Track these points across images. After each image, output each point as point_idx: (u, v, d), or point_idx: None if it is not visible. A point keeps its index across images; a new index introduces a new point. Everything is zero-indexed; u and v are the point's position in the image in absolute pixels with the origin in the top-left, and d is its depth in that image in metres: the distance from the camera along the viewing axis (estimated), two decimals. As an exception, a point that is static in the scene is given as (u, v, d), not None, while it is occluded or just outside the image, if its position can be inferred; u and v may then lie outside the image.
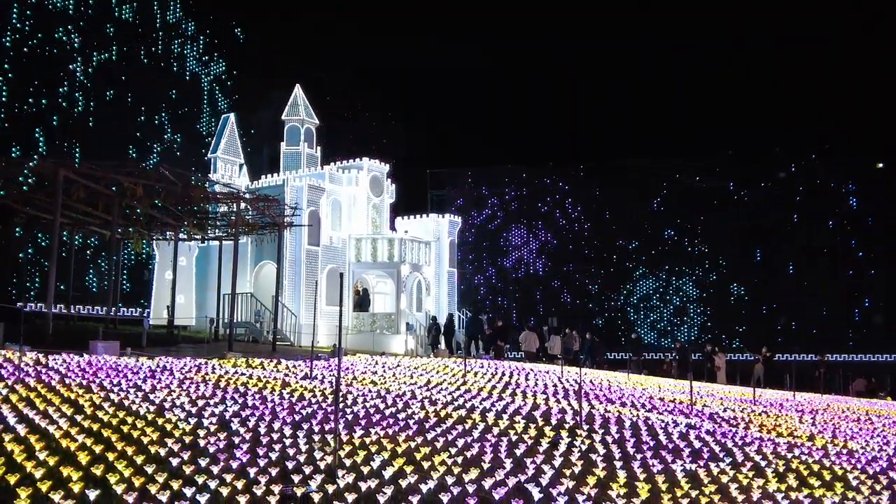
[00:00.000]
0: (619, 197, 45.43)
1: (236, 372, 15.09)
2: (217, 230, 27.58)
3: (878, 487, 9.56)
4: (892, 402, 26.61)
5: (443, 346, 28.63)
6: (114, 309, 25.96)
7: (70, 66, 33.64)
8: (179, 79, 38.41)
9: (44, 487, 6.51)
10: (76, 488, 6.56)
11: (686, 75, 59.49)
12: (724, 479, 9.12)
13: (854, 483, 9.73)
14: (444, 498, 7.14)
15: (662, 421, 13.44)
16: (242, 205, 24.61)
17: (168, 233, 28.23)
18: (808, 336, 40.82)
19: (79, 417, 9.41)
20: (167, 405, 10.67)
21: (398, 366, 19.45)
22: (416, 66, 53.11)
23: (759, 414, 16.40)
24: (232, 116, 33.84)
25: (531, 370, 21.63)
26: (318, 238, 29.10)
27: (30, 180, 22.12)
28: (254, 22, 40.89)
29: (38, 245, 30.54)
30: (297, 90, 33.98)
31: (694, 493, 8.21)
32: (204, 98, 39.21)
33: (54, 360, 14.18)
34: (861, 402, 23.67)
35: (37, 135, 32.67)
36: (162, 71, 37.57)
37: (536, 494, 7.56)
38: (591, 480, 8.24)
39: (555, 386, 17.66)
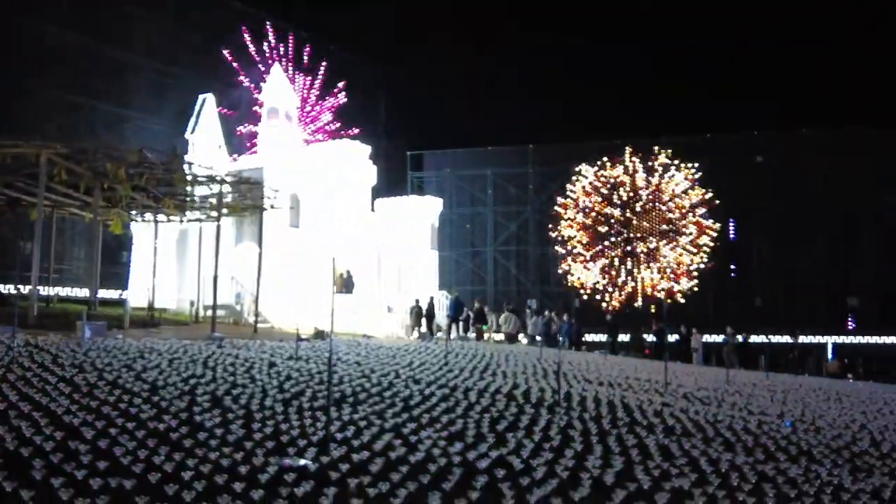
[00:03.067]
0: (598, 180, 45.85)
1: (223, 352, 15.40)
2: (197, 212, 27.68)
3: (839, 461, 10.11)
4: (857, 382, 27.45)
5: (424, 328, 29.04)
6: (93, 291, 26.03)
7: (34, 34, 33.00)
8: (155, 55, 38.09)
9: (55, 460, 6.86)
10: (86, 460, 6.90)
11: (669, 61, 60.17)
12: (695, 452, 9.63)
13: (818, 457, 10.28)
14: (432, 467, 7.56)
15: (638, 399, 13.97)
16: (223, 187, 24.74)
17: (147, 214, 28.32)
18: (783, 318, 41.65)
19: (77, 395, 9.73)
20: (160, 384, 11.00)
21: (381, 347, 19.83)
22: (395, 46, 53.16)
23: (732, 393, 16.98)
24: (210, 96, 33.73)
25: (511, 352, 22.10)
26: (298, 220, 29.30)
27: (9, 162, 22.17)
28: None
29: (18, 227, 30.41)
30: (277, 70, 34.00)
31: (665, 465, 8.70)
32: (181, 75, 38.93)
33: (43, 341, 14.43)
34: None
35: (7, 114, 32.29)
36: (136, 46, 37.25)
37: (518, 465, 8.01)
38: (569, 453, 8.70)
39: (534, 366, 18.12)
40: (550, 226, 45.35)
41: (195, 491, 6.37)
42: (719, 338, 32.91)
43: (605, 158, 44.76)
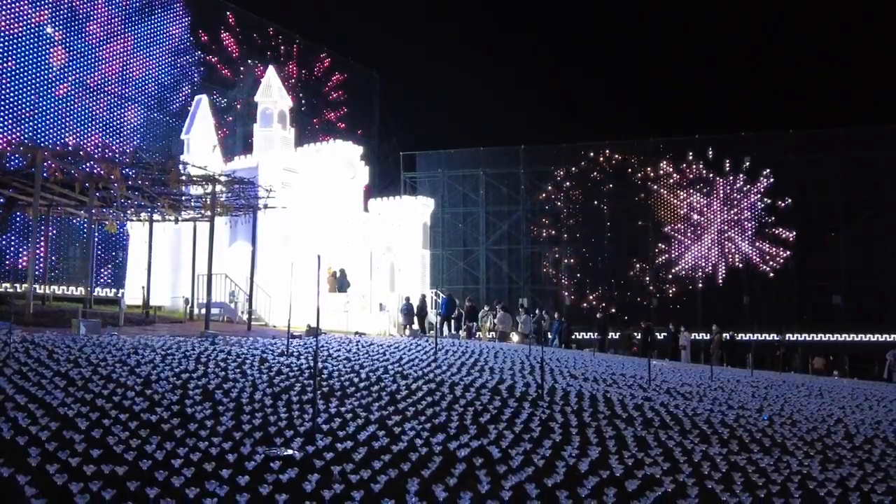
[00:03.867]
0: (587, 180, 46.40)
1: (215, 349, 15.70)
2: (191, 211, 27.96)
3: (811, 452, 10.45)
4: (842, 378, 27.82)
5: (416, 325, 29.35)
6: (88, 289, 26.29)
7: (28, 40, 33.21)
8: (148, 57, 38.31)
9: (51, 448, 7.18)
10: (80, 448, 7.22)
11: (656, 60, 60.51)
12: (671, 443, 9.96)
13: (790, 448, 10.62)
14: (413, 456, 7.89)
15: (620, 394, 14.30)
16: (217, 187, 25.01)
17: (142, 214, 28.60)
18: (769, 316, 42.08)
19: (72, 389, 10.04)
20: (153, 378, 11.30)
21: (371, 344, 20.14)
22: (388, 48, 53.59)
23: (715, 389, 17.33)
24: (204, 97, 34.01)
25: (500, 349, 22.43)
26: (291, 219, 29.58)
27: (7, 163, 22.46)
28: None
29: (15, 227, 30.69)
30: (271, 71, 34.20)
31: (640, 455, 9.03)
32: (175, 78, 39.20)
33: (39, 337, 14.73)
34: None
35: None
36: (129, 48, 37.47)
37: (496, 454, 8.35)
38: (547, 443, 9.03)
39: (522, 363, 18.46)
40: (533, 227, 46.06)
41: (184, 477, 6.69)
42: (708, 336, 33.31)
43: (591, 154, 45.39)
